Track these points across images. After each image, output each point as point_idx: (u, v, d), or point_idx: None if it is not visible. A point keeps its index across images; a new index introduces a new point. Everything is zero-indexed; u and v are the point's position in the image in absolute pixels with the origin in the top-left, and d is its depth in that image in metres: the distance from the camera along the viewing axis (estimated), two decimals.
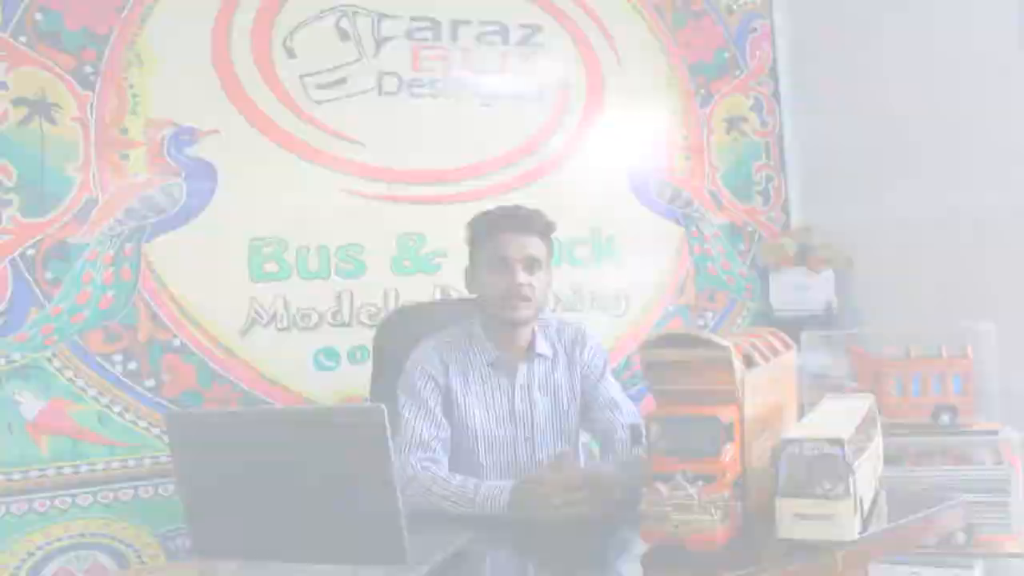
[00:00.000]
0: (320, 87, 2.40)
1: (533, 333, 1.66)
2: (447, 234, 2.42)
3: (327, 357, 2.39)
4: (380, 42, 2.48)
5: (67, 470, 2.12)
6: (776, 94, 3.01)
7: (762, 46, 3.00)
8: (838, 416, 1.19)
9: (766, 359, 1.24)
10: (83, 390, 2.13)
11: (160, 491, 2.20)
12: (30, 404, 2.08)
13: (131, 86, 2.20)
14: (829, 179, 2.92)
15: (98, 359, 2.15)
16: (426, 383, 1.60)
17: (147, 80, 2.22)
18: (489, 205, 1.70)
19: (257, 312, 2.31)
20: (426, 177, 2.51)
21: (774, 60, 3.01)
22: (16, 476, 2.06)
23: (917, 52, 2.50)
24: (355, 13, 2.45)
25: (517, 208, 1.64)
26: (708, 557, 1.03)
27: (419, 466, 1.49)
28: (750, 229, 2.95)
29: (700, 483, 1.05)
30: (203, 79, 2.27)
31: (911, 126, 2.54)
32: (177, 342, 2.23)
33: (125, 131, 2.20)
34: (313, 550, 1.08)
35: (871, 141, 2.70)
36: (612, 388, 1.71)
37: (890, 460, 2.06)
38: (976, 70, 2.32)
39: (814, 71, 2.94)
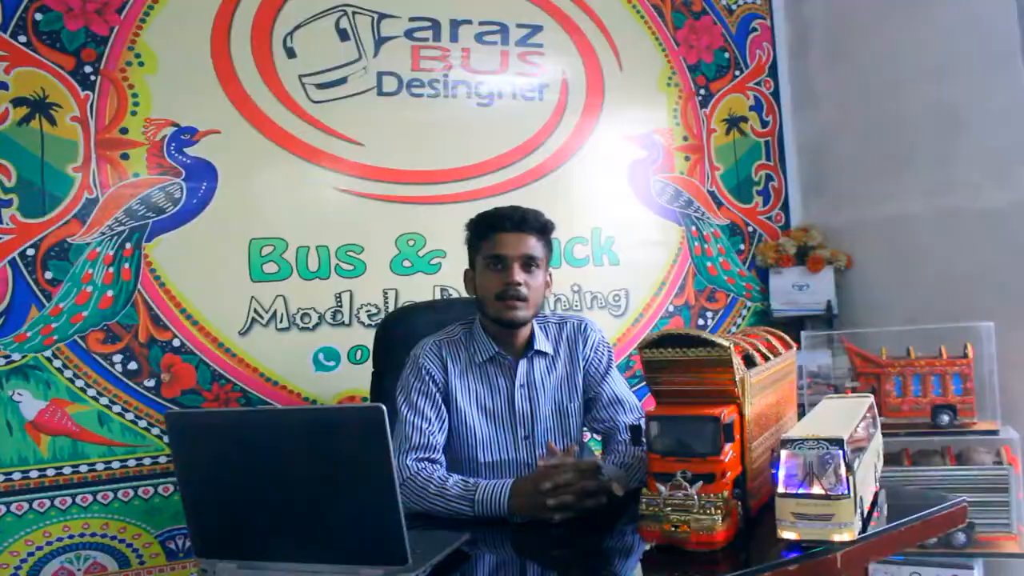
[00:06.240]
0: (320, 87, 2.40)
1: (532, 331, 1.66)
2: (446, 234, 2.43)
3: (327, 357, 2.39)
4: (380, 42, 2.48)
5: (67, 470, 2.12)
6: (776, 94, 3.01)
7: (762, 46, 3.00)
8: (838, 416, 1.19)
9: (766, 359, 1.24)
10: (83, 390, 2.13)
11: (160, 491, 2.20)
12: (30, 404, 2.08)
13: (131, 86, 2.21)
14: (829, 179, 2.92)
15: (98, 359, 2.15)
16: (425, 382, 1.59)
17: (147, 80, 2.22)
18: (488, 205, 1.70)
19: (257, 312, 2.31)
20: (426, 177, 2.51)
21: (774, 60, 3.01)
22: (16, 476, 2.06)
23: (917, 51, 2.50)
24: (355, 13, 2.45)
25: (514, 208, 1.63)
26: (708, 557, 1.03)
27: (415, 466, 1.49)
28: (750, 229, 2.95)
29: (700, 483, 1.05)
30: (203, 79, 2.27)
31: (911, 125, 2.54)
32: (177, 342, 2.23)
33: (125, 131, 2.20)
34: (313, 550, 1.08)
35: (871, 141, 2.70)
36: (616, 385, 1.69)
37: (890, 460, 2.07)
38: (976, 69, 2.32)
39: (814, 71, 2.94)
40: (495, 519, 1.36)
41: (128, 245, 2.19)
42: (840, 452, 1.00)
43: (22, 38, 2.11)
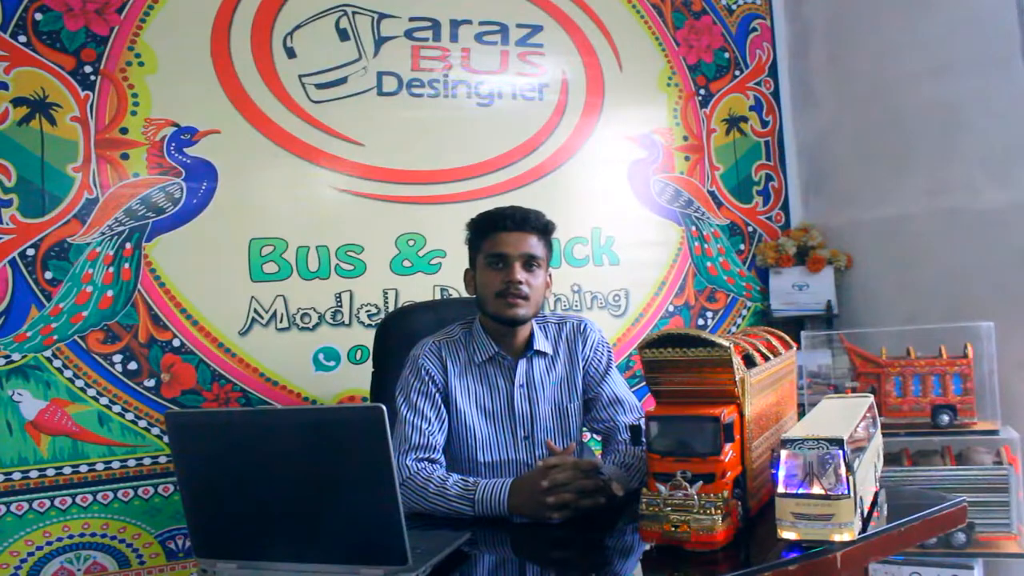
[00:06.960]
0: (320, 87, 2.40)
1: (532, 331, 1.65)
2: (446, 234, 2.43)
3: (327, 357, 2.39)
4: (380, 42, 2.48)
5: (67, 470, 2.12)
6: (776, 94, 3.01)
7: (762, 46, 3.00)
8: (838, 416, 1.19)
9: (766, 359, 1.24)
10: (83, 390, 2.13)
11: (160, 491, 2.20)
12: (30, 404, 2.08)
13: (131, 86, 2.20)
14: (829, 179, 2.92)
15: (98, 359, 2.15)
16: (424, 382, 1.59)
17: (147, 80, 2.22)
18: (488, 205, 1.70)
19: (257, 312, 2.31)
20: (426, 177, 2.51)
21: (774, 60, 3.01)
22: (16, 476, 2.06)
23: (917, 51, 2.50)
24: (355, 13, 2.45)
25: (516, 208, 1.63)
26: (708, 557, 1.03)
27: (415, 466, 1.48)
28: (750, 229, 2.95)
29: (700, 483, 1.05)
30: (203, 79, 2.27)
31: (910, 125, 2.54)
32: (177, 342, 2.23)
33: (125, 131, 2.20)
34: (313, 550, 1.07)
35: (870, 140, 2.70)
36: (616, 385, 1.68)
37: (890, 460, 2.07)
38: (976, 69, 2.32)
39: (814, 71, 2.94)
40: (495, 519, 1.36)
41: (128, 245, 2.19)
42: (840, 452, 1.00)
43: (22, 38, 2.11)
